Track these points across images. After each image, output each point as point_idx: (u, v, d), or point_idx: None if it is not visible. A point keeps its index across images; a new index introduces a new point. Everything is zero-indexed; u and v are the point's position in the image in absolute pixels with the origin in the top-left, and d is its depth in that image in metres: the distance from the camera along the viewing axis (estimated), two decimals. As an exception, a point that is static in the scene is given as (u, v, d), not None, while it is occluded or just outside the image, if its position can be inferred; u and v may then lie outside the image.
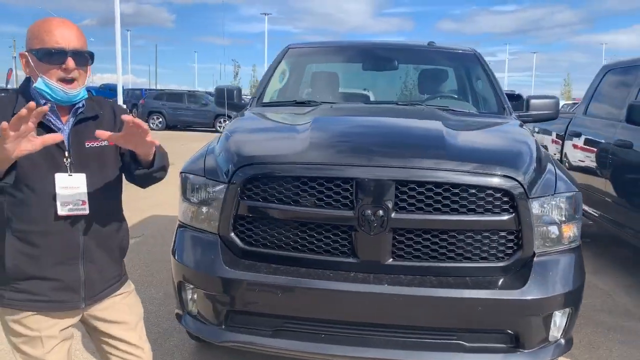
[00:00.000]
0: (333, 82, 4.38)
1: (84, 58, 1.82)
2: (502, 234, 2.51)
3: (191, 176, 2.81)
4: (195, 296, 2.71)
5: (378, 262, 2.50)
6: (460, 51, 4.55)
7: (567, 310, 2.58)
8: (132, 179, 2.03)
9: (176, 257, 2.76)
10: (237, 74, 51.44)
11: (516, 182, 2.47)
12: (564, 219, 2.63)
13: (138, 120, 1.68)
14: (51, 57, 1.76)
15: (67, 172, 1.83)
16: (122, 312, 2.07)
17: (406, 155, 2.54)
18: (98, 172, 1.91)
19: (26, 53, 1.82)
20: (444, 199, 2.44)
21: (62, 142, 1.82)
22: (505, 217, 2.47)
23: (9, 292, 1.84)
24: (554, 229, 2.60)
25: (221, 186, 2.63)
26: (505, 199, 2.47)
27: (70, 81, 1.79)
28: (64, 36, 1.78)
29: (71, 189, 1.82)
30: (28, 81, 1.87)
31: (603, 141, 5.18)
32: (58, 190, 1.79)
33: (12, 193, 1.77)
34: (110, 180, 1.96)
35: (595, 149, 5.36)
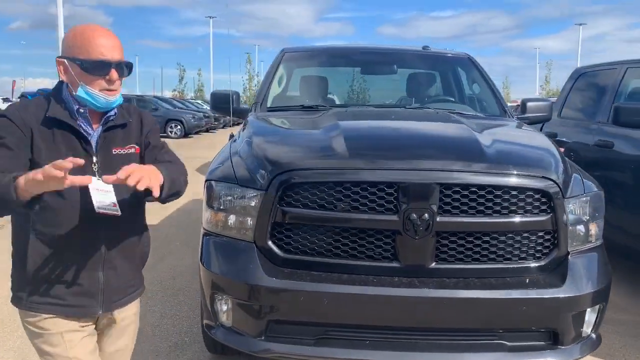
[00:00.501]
0: (335, 86, 4.36)
1: (124, 69, 1.87)
2: (540, 234, 2.56)
3: (220, 183, 2.73)
4: (229, 307, 2.62)
5: (422, 266, 2.50)
6: (453, 55, 4.64)
7: (598, 306, 2.66)
8: None
9: (208, 267, 2.67)
10: (182, 78, 50.56)
11: (553, 183, 2.54)
12: (590, 217, 2.72)
13: (125, 179, 1.62)
14: (96, 68, 1.80)
15: (95, 177, 1.81)
16: (125, 330, 2.08)
17: (449, 159, 2.56)
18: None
19: (64, 60, 1.83)
20: (487, 201, 2.47)
21: (90, 147, 1.85)
22: (544, 218, 2.53)
23: (29, 295, 1.85)
24: (584, 228, 2.69)
25: (257, 193, 2.56)
26: (544, 199, 2.53)
27: (112, 91, 1.85)
28: (108, 48, 1.82)
29: (103, 191, 1.81)
30: (61, 85, 1.89)
31: (582, 141, 5.40)
32: (92, 192, 1.78)
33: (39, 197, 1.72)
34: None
35: (572, 150, 5.56)
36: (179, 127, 23.50)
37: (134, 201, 1.92)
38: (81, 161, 1.52)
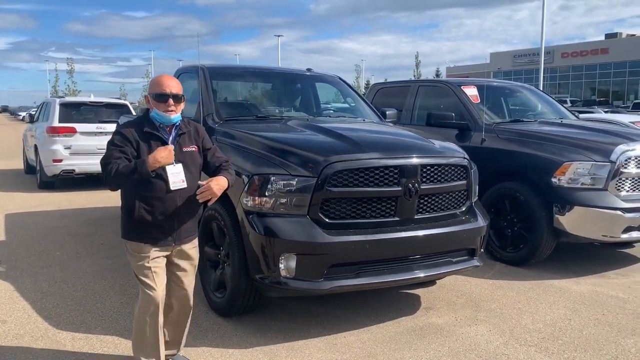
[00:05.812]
0: (264, 99, 5.41)
1: (179, 98, 3.08)
2: (463, 191, 4.29)
3: (272, 176, 3.71)
4: (291, 262, 3.63)
5: (411, 218, 3.97)
6: (329, 76, 6.15)
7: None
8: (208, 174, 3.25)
9: (271, 235, 3.63)
10: None
11: (467, 161, 4.30)
12: (475, 182, 4.56)
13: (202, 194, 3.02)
14: (160, 98, 3.04)
15: (173, 164, 3.01)
16: (188, 257, 3.24)
17: (423, 150, 4.09)
18: (189, 165, 3.11)
19: (148, 95, 3.11)
20: (442, 174, 4.08)
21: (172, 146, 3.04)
22: (464, 181, 4.27)
23: (132, 233, 3.07)
24: (476, 187, 4.53)
25: (310, 180, 3.66)
26: (464, 171, 4.26)
27: (170, 111, 3.04)
28: (168, 86, 3.05)
29: (176, 173, 3.03)
30: (147, 111, 3.17)
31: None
32: (169, 175, 2.99)
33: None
34: (195, 170, 3.17)
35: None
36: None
37: (194, 178, 3.11)
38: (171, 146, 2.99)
